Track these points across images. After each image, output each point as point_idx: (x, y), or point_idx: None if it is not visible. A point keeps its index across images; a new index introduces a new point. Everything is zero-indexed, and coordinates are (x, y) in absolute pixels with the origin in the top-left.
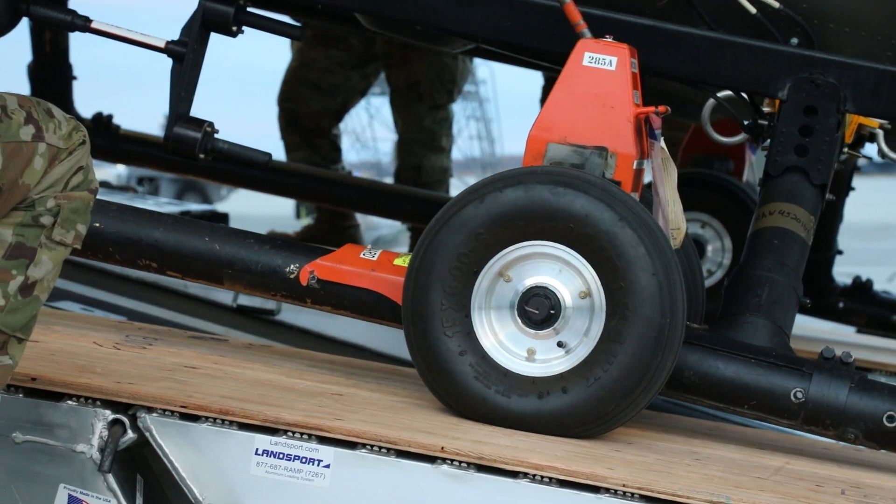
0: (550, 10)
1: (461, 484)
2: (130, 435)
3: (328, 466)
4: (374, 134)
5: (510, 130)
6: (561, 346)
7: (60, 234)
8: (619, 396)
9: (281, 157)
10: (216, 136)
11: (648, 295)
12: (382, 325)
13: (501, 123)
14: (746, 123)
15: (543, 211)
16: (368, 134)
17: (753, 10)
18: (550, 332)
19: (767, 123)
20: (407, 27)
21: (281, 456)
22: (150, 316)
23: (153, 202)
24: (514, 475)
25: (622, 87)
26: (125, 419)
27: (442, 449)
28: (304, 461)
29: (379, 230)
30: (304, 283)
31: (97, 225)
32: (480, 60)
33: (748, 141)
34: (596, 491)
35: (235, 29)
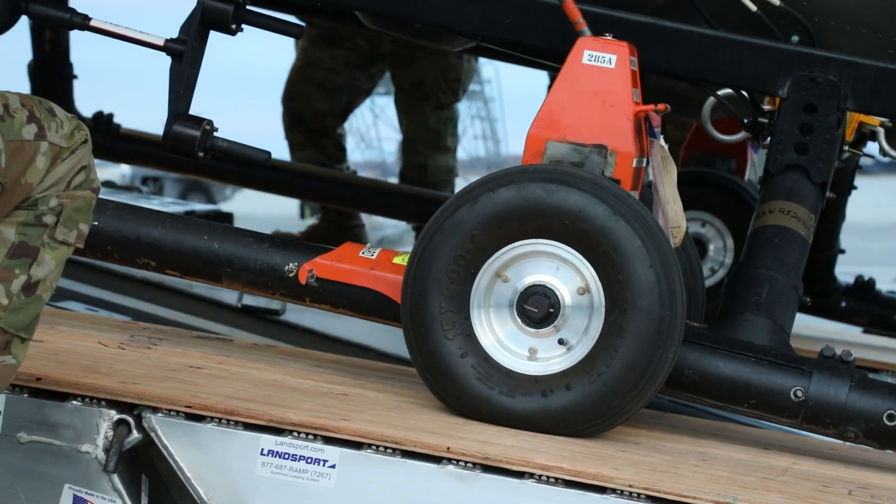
0: (550, 7)
1: (467, 484)
2: (135, 435)
3: (334, 467)
4: (378, 134)
5: (515, 130)
6: (562, 343)
7: (63, 233)
8: (622, 390)
9: (281, 155)
10: (215, 134)
11: (647, 287)
12: (382, 323)
13: (506, 123)
14: (746, 121)
15: (537, 209)
16: (373, 134)
17: (754, 7)
18: (551, 329)
19: (767, 121)
20: (407, 25)
21: (286, 456)
22: (154, 316)
23: (157, 202)
24: (519, 475)
25: (622, 85)
26: (130, 419)
27: (448, 449)
28: (309, 461)
29: (384, 230)
30: (302, 281)
31: (95, 223)
32: (485, 60)
33: (750, 139)
34: (602, 491)
35: (235, 27)
